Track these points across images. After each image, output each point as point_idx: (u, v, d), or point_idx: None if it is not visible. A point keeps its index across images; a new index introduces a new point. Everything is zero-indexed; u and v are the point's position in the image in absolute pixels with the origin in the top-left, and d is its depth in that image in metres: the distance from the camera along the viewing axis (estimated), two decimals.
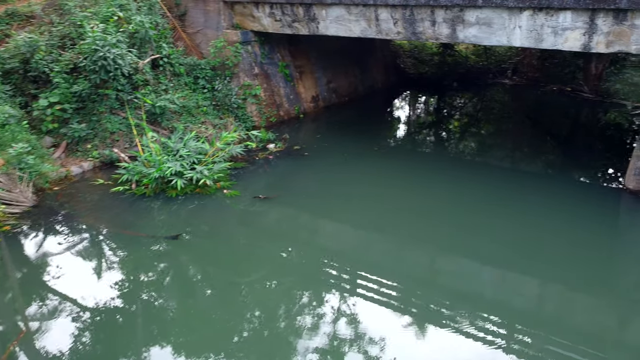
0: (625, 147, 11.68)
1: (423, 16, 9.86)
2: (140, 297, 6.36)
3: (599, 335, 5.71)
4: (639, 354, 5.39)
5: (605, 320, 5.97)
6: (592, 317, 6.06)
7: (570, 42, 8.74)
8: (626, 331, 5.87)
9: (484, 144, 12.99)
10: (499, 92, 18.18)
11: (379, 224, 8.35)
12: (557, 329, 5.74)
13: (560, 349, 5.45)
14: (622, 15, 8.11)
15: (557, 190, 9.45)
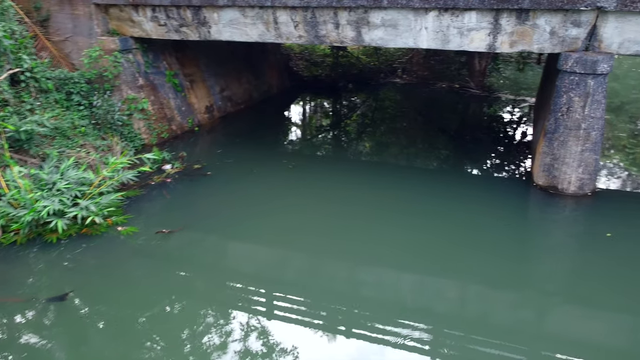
0: (516, 139, 12.10)
1: (326, 18, 9.24)
2: None
3: (520, 330, 5.80)
4: (557, 343, 5.57)
5: (525, 315, 6.07)
6: (512, 312, 6.13)
7: (476, 43, 8.64)
8: (544, 323, 6.00)
9: (382, 144, 12.76)
10: (392, 91, 18.30)
11: (293, 241, 7.72)
12: (480, 328, 5.80)
13: (484, 347, 5.53)
14: (524, 15, 8.13)
15: (464, 188, 9.40)
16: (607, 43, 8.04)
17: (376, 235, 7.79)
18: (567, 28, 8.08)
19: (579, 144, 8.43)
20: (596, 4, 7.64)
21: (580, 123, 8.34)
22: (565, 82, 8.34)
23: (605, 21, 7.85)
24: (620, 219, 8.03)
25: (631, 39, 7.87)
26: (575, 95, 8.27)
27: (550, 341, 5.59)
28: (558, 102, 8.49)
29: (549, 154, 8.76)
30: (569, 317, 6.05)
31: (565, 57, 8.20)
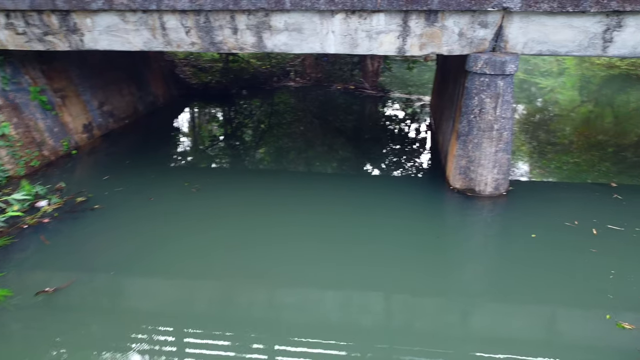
0: (420, 141, 12.07)
1: (222, 23, 8.25)
2: None
3: (446, 334, 5.74)
4: (481, 343, 5.58)
5: (450, 318, 5.99)
6: (437, 318, 6.02)
7: (385, 46, 8.22)
8: (469, 324, 5.93)
9: (282, 150, 12.05)
10: (286, 95, 17.65)
11: (202, 270, 6.82)
12: (407, 338, 5.68)
13: (411, 356, 5.41)
14: (433, 17, 7.86)
15: (377, 194, 9.04)
16: (512, 43, 8.03)
17: (291, 252, 7.20)
18: (474, 29, 7.95)
19: (493, 145, 8.39)
20: (502, 4, 7.56)
21: (493, 124, 8.29)
22: (475, 84, 8.23)
23: (511, 22, 7.82)
24: (534, 215, 8.11)
25: (535, 38, 7.93)
26: (486, 96, 8.19)
27: (475, 341, 5.60)
28: (470, 104, 8.36)
29: (464, 156, 8.63)
30: (491, 316, 6.04)
31: (475, 59, 8.07)
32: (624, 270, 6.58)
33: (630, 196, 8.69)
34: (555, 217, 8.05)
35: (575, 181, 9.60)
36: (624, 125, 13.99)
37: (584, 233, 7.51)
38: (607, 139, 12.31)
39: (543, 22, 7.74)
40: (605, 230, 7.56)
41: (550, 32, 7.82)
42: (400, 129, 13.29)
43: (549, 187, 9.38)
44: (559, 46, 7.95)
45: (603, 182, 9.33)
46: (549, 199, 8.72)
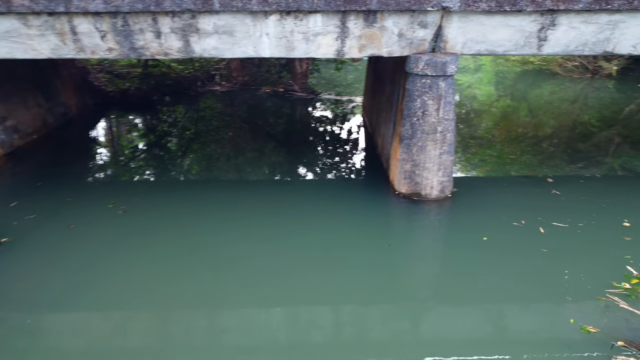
0: (356, 144, 11.80)
1: (143, 26, 7.43)
2: None
3: (398, 341, 5.61)
4: (432, 346, 5.53)
5: (401, 325, 5.85)
6: (388, 326, 5.85)
7: (323, 49, 7.78)
8: (421, 330, 5.80)
9: (211, 158, 11.35)
10: (212, 100, 16.80)
11: (134, 301, 6.11)
12: (359, 349, 5.49)
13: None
14: (372, 17, 7.52)
15: (318, 202, 8.65)
16: (452, 43, 7.88)
17: (231, 271, 6.69)
18: (414, 29, 7.70)
19: (437, 148, 8.21)
20: (442, 4, 7.37)
21: (437, 126, 8.10)
22: (417, 86, 8.00)
23: (450, 21, 7.65)
24: (481, 216, 8.03)
25: (473, 38, 7.82)
26: (429, 98, 7.98)
27: (429, 345, 5.52)
28: (412, 107, 8.13)
29: (408, 160, 8.39)
30: (442, 319, 5.95)
31: (416, 60, 7.84)
32: (576, 269, 6.57)
33: (566, 190, 8.86)
34: (501, 217, 8.01)
35: (502, 175, 9.70)
36: (539, 118, 14.63)
37: (532, 232, 7.50)
38: (525, 131, 12.80)
39: (481, 21, 7.64)
40: (551, 228, 7.60)
41: (488, 31, 7.74)
42: (335, 131, 12.95)
43: (488, 184, 9.38)
44: (496, 45, 7.90)
45: (530, 175, 9.48)
46: (492, 198, 8.69)
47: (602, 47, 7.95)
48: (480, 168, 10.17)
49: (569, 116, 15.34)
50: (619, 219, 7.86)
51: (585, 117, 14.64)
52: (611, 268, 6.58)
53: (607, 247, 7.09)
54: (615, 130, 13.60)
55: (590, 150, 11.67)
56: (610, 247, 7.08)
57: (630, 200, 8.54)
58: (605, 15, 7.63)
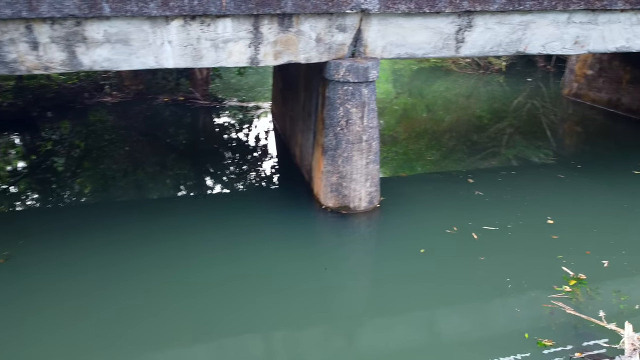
0: (270, 155, 11.14)
1: (14, 36, 6.16)
2: None
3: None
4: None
5: (337, 344, 5.57)
6: (324, 347, 5.52)
7: (235, 57, 7.01)
8: (357, 346, 5.60)
9: (107, 177, 10.11)
10: (103, 112, 15.15)
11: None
12: None
13: None
14: (287, 21, 6.88)
15: (238, 220, 7.91)
16: (372, 47, 7.48)
17: (142, 309, 5.91)
18: (333, 34, 7.19)
19: (364, 157, 7.78)
20: (360, 6, 6.92)
21: (362, 135, 7.67)
22: (339, 94, 7.50)
23: (369, 24, 7.24)
24: (412, 225, 7.76)
25: (393, 41, 7.48)
26: (352, 106, 7.52)
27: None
28: (334, 116, 7.62)
29: (334, 172, 7.88)
30: (376, 332, 5.68)
31: (336, 66, 7.33)
32: (516, 276, 6.45)
33: (487, 189, 8.88)
34: (433, 224, 7.78)
35: (417, 173, 9.70)
36: (438, 114, 15.12)
37: (466, 239, 7.33)
38: (426, 127, 13.18)
39: (401, 24, 7.31)
40: (483, 232, 7.49)
41: (407, 34, 7.44)
42: (245, 141, 12.14)
43: (409, 186, 9.14)
44: (416, 48, 7.63)
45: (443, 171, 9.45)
46: (419, 204, 8.45)
47: (515, 48, 7.99)
48: (395, 167, 10.03)
49: (465, 111, 15.93)
50: (542, 216, 7.96)
51: (479, 111, 15.38)
52: (548, 270, 6.55)
53: (539, 248, 7.09)
54: (507, 122, 14.36)
55: (486, 142, 12.26)
56: (542, 248, 7.09)
57: (547, 196, 8.74)
58: (517, 15, 7.65)
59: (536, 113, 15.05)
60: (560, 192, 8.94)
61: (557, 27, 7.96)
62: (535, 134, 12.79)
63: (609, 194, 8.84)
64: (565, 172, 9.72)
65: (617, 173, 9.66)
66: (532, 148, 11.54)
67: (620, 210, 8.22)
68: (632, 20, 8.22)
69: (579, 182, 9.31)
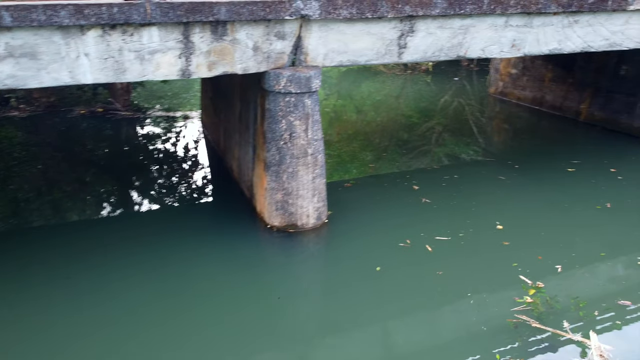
0: (204, 170, 10.42)
1: None
2: None
3: None
4: None
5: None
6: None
7: (164, 69, 6.31)
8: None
9: (19, 201, 9.02)
10: (11, 128, 13.64)
11: None
12: None
13: None
14: (222, 29, 6.28)
15: (173, 243, 7.24)
16: (313, 55, 7.03)
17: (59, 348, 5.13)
18: (271, 42, 6.66)
19: (310, 172, 7.33)
20: (300, 12, 6.45)
21: (307, 148, 7.21)
22: (281, 105, 6.98)
23: (310, 31, 6.78)
24: (363, 238, 7.42)
25: (335, 49, 7.08)
26: (295, 118, 7.03)
27: None
28: (277, 129, 7.10)
29: (279, 189, 7.36)
30: (330, 353, 5.37)
31: (276, 76, 6.80)
32: (477, 290, 6.26)
33: (433, 196, 8.72)
34: (384, 238, 7.46)
35: (357, 176, 9.48)
36: (368, 115, 15.21)
37: (421, 253, 7.07)
38: (357, 129, 13.16)
39: (342, 30, 6.92)
40: (436, 244, 7.26)
41: (349, 40, 7.06)
42: (173, 154, 11.28)
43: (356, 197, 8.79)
44: (358, 55, 7.27)
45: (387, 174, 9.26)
46: (367, 214, 8.12)
47: (455, 52, 7.86)
48: (330, 171, 9.71)
49: (395, 111, 16.04)
50: (491, 221, 7.89)
51: (409, 111, 15.63)
52: (507, 281, 6.42)
53: (494, 257, 6.98)
54: (435, 120, 14.63)
55: (417, 141, 12.47)
56: (496, 257, 6.98)
57: (492, 200, 8.73)
58: (458, 20, 7.51)
59: (466, 112, 15.34)
60: (504, 194, 8.97)
61: (496, 31, 7.92)
62: (466, 133, 13.05)
63: (549, 193, 8.98)
64: (505, 173, 9.79)
65: (553, 171, 9.87)
66: (463, 147, 11.80)
67: (562, 210, 8.34)
68: (563, 23, 8.35)
69: (520, 183, 9.40)
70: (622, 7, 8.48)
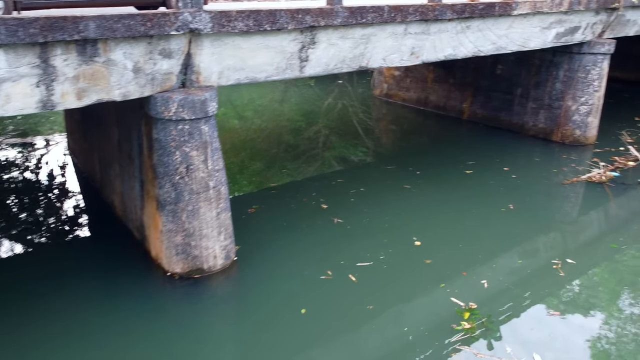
0: (68, 204, 8.90)
1: None
2: None
3: None
4: None
5: None
6: None
7: (18, 102, 4.97)
8: None
9: None
10: None
11: None
12: None
13: None
14: (91, 49, 5.10)
15: (46, 308, 5.91)
16: (206, 75, 6.08)
17: None
18: (155, 61, 5.59)
19: (213, 208, 6.37)
20: (189, 25, 5.46)
21: (208, 182, 6.24)
22: (173, 135, 5.93)
23: (201, 47, 5.82)
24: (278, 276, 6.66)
25: (231, 65, 6.19)
26: (192, 148, 6.02)
27: None
28: (170, 163, 6.04)
29: (178, 231, 6.31)
30: None
31: (165, 101, 5.75)
32: (412, 322, 5.81)
33: (344, 215, 8.22)
34: (302, 270, 6.77)
35: (255, 189, 8.63)
36: (253, 122, 14.65)
37: (345, 284, 6.48)
38: (243, 138, 12.75)
39: (239, 44, 6.06)
40: (360, 272, 6.72)
41: (247, 56, 6.23)
42: (36, 188, 9.49)
43: (263, 225, 7.97)
44: (257, 72, 6.47)
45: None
46: (277, 244, 7.35)
47: (358, 63, 7.39)
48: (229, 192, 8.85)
49: (280, 117, 15.58)
50: (408, 237, 7.57)
51: (294, 115, 15.40)
52: (440, 306, 6.07)
53: (420, 280, 6.62)
54: (322, 124, 14.48)
55: (306, 145, 12.27)
56: (422, 279, 6.63)
57: (403, 213, 8.44)
58: (359, 29, 7.02)
59: (352, 114, 15.25)
60: (413, 205, 8.75)
61: (396, 39, 7.58)
62: (355, 136, 13.05)
63: (455, 199, 8.94)
64: (409, 181, 9.63)
65: (452, 175, 9.92)
66: (352, 149, 11.82)
67: (472, 217, 8.31)
68: (457, 29, 8.29)
69: (425, 191, 9.27)
70: (507, 12, 8.65)
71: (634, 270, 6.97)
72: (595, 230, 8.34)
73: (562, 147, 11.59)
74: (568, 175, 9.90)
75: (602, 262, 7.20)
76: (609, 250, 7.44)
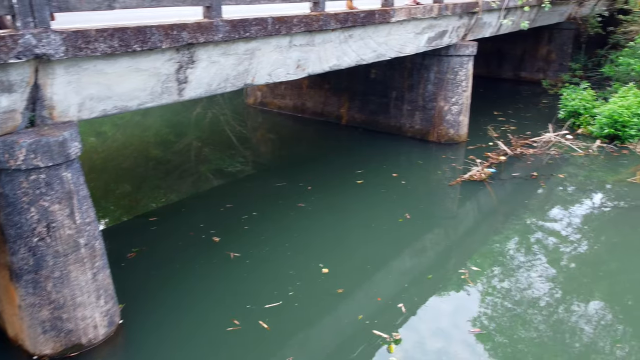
0: None
1: None
2: None
3: None
4: None
5: None
6: None
7: None
8: None
9: None
10: None
11: None
12: None
13: None
14: None
15: None
16: (62, 108, 4.90)
17: None
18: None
19: (88, 269, 5.20)
20: (34, 50, 4.28)
21: (77, 239, 5.06)
22: (24, 188, 4.68)
23: (52, 76, 4.63)
24: (179, 334, 5.70)
25: (94, 95, 5.08)
26: (51, 202, 4.81)
27: None
28: (24, 223, 4.77)
29: (43, 304, 5.05)
30: None
31: (9, 147, 4.49)
32: None
33: (239, 249, 7.43)
34: (205, 322, 5.89)
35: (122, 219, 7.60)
36: (112, 138, 13.59)
37: (256, 333, 5.73)
38: (103, 156, 11.83)
39: (102, 69, 4.97)
40: (270, 315, 6.01)
41: (114, 82, 5.16)
42: None
43: (147, 271, 6.89)
44: (128, 99, 5.42)
45: (149, 217, 7.70)
46: (169, 292, 6.37)
47: (242, 80, 6.65)
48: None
49: (145, 129, 14.42)
50: (314, 265, 7.03)
51: (161, 128, 14.58)
52: (363, 340, 5.61)
53: (336, 315, 6.11)
54: (192, 136, 13.75)
55: (177, 160, 11.59)
56: (338, 313, 6.12)
57: (303, 237, 7.89)
58: (242, 44, 6.28)
59: (229, 125, 14.44)
60: (311, 226, 8.24)
61: (281, 53, 6.96)
62: (234, 148, 12.49)
63: (353, 215, 8.62)
64: (302, 199, 9.11)
65: (344, 187, 9.62)
66: (231, 162, 11.38)
67: (371, 231, 8.04)
68: (340, 39, 7.92)
69: (319, 208, 8.82)
70: (386, 19, 8.50)
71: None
72: (489, 230, 8.52)
73: (438, 147, 11.95)
74: (451, 176, 10.15)
75: (508, 264, 7.33)
76: (512, 252, 7.63)
